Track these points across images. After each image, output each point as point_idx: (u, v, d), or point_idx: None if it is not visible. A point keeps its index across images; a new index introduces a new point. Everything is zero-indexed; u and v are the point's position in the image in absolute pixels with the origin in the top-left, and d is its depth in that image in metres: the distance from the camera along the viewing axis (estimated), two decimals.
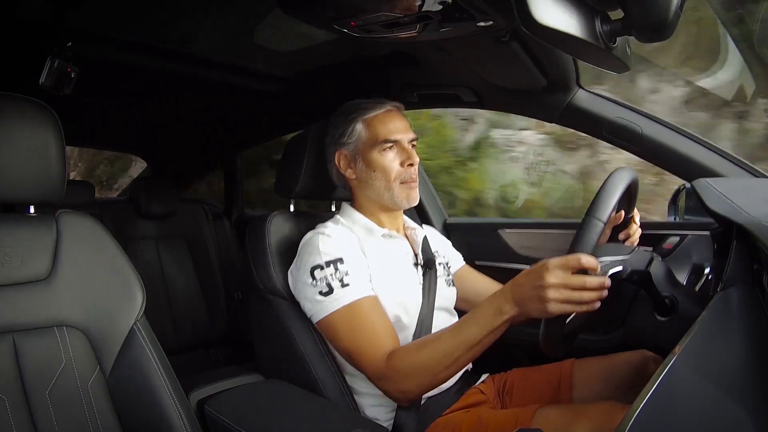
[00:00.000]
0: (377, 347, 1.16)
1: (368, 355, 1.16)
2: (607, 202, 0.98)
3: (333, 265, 1.21)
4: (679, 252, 1.48)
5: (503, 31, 1.13)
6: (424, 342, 1.16)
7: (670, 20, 0.79)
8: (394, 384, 1.13)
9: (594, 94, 1.49)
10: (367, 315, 1.20)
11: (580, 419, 1.03)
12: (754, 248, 0.76)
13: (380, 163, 1.32)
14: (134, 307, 1.07)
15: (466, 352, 1.07)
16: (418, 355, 1.12)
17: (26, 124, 0.98)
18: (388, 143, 1.32)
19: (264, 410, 1.20)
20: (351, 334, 1.19)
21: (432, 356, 1.10)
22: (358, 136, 1.34)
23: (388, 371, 1.13)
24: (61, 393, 0.98)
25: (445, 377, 1.13)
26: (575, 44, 0.89)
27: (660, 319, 0.99)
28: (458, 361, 1.08)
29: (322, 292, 1.20)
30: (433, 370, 1.10)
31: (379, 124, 1.33)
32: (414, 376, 1.11)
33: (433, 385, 1.14)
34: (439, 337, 1.12)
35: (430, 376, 1.11)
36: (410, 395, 1.15)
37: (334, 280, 1.20)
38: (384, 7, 1.00)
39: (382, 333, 1.19)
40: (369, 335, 1.18)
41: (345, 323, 1.19)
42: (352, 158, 1.36)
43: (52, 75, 1.33)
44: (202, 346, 2.52)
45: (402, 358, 1.13)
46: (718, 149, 1.36)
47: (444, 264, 1.48)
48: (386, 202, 1.35)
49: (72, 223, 1.07)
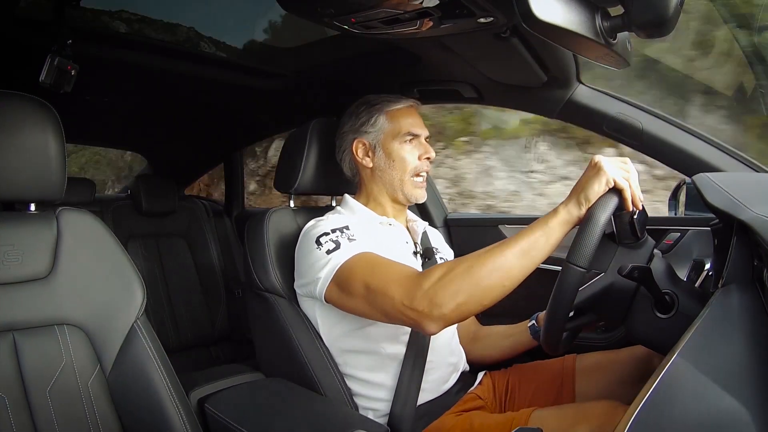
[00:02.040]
0: (403, 271, 1.08)
1: (396, 280, 1.05)
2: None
3: (339, 231, 1.22)
4: (679, 248, 1.48)
5: (503, 28, 1.13)
6: (467, 255, 1.03)
7: (670, 16, 0.79)
8: (428, 297, 0.98)
9: (594, 89, 1.49)
10: (381, 258, 1.14)
11: (580, 420, 1.03)
12: (754, 244, 0.76)
13: (400, 153, 1.37)
14: (134, 305, 1.07)
15: (518, 258, 0.97)
16: (459, 263, 1.00)
17: (26, 121, 0.98)
18: (409, 136, 1.37)
19: (264, 409, 1.20)
20: (370, 270, 1.10)
21: (476, 262, 0.98)
22: (380, 126, 1.38)
23: (422, 282, 1.00)
24: (61, 391, 0.98)
25: (488, 288, 0.97)
26: (575, 40, 0.89)
27: (660, 316, 0.99)
28: (506, 268, 0.97)
29: (330, 250, 1.17)
30: (477, 274, 0.96)
31: (402, 117, 1.39)
32: (454, 283, 0.97)
33: (475, 300, 0.98)
34: (484, 249, 1.01)
35: (472, 282, 0.96)
36: (446, 310, 0.97)
37: (341, 238, 1.19)
38: (384, 4, 1.00)
39: (404, 266, 1.12)
40: (391, 266, 1.11)
41: (361, 265, 1.12)
42: (372, 147, 1.39)
43: (53, 73, 1.32)
44: (203, 344, 2.53)
45: (439, 268, 1.02)
46: (719, 144, 1.36)
47: (445, 261, 1.48)
48: (397, 194, 1.38)
49: (72, 220, 1.07)
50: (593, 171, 1.01)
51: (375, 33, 1.15)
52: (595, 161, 1.02)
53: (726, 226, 0.97)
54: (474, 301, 0.98)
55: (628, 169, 1.02)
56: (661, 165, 1.44)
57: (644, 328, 1.02)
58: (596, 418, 1.02)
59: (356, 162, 1.41)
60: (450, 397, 1.31)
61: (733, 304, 0.73)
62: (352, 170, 1.45)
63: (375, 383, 1.26)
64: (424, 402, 1.27)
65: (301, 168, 1.43)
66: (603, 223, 0.96)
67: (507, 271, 0.97)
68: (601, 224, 0.96)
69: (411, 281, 1.03)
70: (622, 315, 1.03)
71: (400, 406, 1.23)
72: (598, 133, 1.49)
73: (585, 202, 1.00)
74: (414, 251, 1.40)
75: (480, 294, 0.97)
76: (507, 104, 1.73)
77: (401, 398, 1.23)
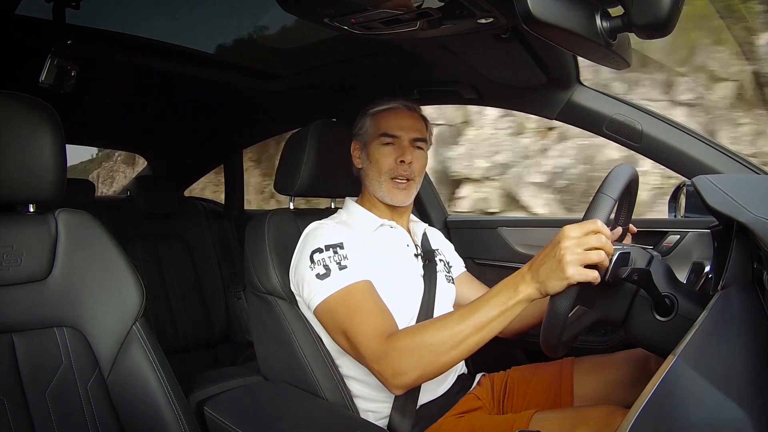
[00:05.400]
0: (376, 327, 1.11)
1: (366, 335, 1.11)
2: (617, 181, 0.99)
3: (332, 249, 1.22)
4: (679, 250, 1.48)
5: (503, 28, 1.12)
6: (429, 322, 1.10)
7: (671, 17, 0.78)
8: (392, 364, 1.05)
9: (594, 90, 1.49)
10: (364, 298, 1.17)
11: (580, 423, 1.03)
12: (754, 246, 0.75)
13: (375, 155, 1.37)
14: (134, 307, 1.07)
15: (475, 333, 1.01)
16: (422, 333, 1.05)
17: (26, 122, 0.97)
18: (386, 137, 1.37)
19: (263, 412, 1.20)
20: (348, 316, 1.15)
21: (436, 335, 1.03)
22: (366, 129, 1.41)
23: (388, 349, 1.06)
24: (60, 394, 0.98)
25: (446, 362, 1.04)
26: (575, 41, 0.89)
27: (660, 319, 0.99)
28: (464, 344, 1.01)
29: (319, 275, 1.19)
30: (436, 350, 1.02)
31: (383, 119, 1.39)
32: (415, 355, 1.04)
33: (433, 370, 1.06)
34: (445, 317, 1.06)
35: (431, 357, 1.03)
36: (407, 379, 1.06)
37: (331, 262, 1.20)
38: (384, 4, 1.00)
39: (381, 315, 1.15)
40: (366, 316, 1.14)
41: (342, 306, 1.16)
42: (361, 149, 1.42)
43: (52, 73, 1.32)
44: (203, 346, 2.52)
45: (404, 335, 1.07)
46: (719, 146, 1.35)
47: (445, 262, 1.49)
48: (377, 195, 1.39)
49: (71, 222, 1.06)
50: (554, 261, 0.93)
51: (375, 34, 1.15)
52: (561, 249, 0.92)
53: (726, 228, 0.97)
54: (433, 371, 1.06)
55: (597, 243, 0.91)
56: None
57: (644, 330, 1.01)
58: (596, 421, 1.02)
59: (354, 163, 1.45)
60: (449, 398, 1.31)
61: (733, 306, 0.73)
62: (356, 171, 1.47)
63: (375, 385, 1.26)
64: (424, 403, 1.27)
65: (301, 170, 1.43)
66: (566, 311, 0.94)
67: (465, 345, 1.02)
68: (563, 314, 0.94)
69: (380, 343, 1.08)
70: (621, 318, 1.02)
71: (400, 409, 1.23)
72: (598, 134, 1.49)
73: (544, 290, 0.95)
74: (415, 254, 1.40)
75: (439, 365, 1.05)
76: (507, 105, 1.73)
77: (401, 400, 1.23)
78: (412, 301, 1.31)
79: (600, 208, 0.97)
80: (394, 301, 1.24)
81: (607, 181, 0.99)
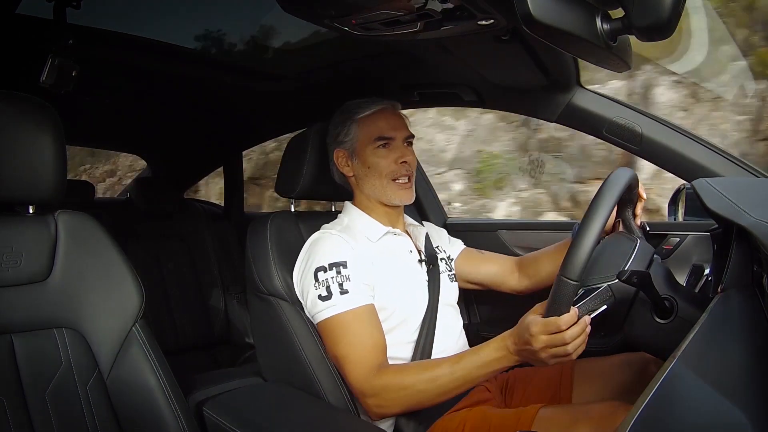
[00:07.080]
0: (366, 360, 1.17)
1: (356, 365, 1.18)
2: (577, 259, 0.92)
3: (335, 269, 1.23)
4: (678, 253, 1.48)
5: (504, 30, 1.12)
6: (422, 366, 1.18)
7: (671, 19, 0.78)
8: (377, 400, 1.15)
9: (594, 93, 1.49)
10: (359, 327, 1.21)
11: (583, 419, 1.03)
12: (754, 249, 0.75)
13: (373, 160, 1.36)
14: (133, 308, 1.07)
15: (460, 386, 1.11)
16: (413, 377, 1.13)
17: (26, 122, 0.97)
18: (380, 140, 1.35)
19: (263, 414, 1.19)
20: (342, 344, 1.20)
21: (425, 382, 1.11)
22: (354, 135, 1.37)
23: (375, 385, 1.14)
24: (59, 394, 0.98)
25: (428, 404, 1.14)
26: (576, 43, 0.89)
27: (659, 321, 0.99)
28: (449, 393, 1.12)
29: (321, 296, 1.22)
30: (423, 395, 1.12)
31: (372, 122, 1.37)
32: (400, 395, 1.13)
33: (414, 408, 1.17)
34: (437, 365, 1.14)
35: (416, 399, 1.13)
36: (388, 412, 1.18)
37: (333, 284, 1.21)
38: (385, 5, 1.00)
39: (373, 348, 1.20)
40: (358, 349, 1.19)
41: (338, 331, 1.21)
42: (350, 157, 1.39)
43: (53, 73, 1.32)
44: (202, 347, 2.51)
45: (395, 374, 1.15)
46: (719, 149, 1.35)
47: (446, 259, 1.50)
48: (382, 199, 1.38)
49: (71, 223, 1.06)
50: (530, 352, 1.00)
51: (375, 35, 1.15)
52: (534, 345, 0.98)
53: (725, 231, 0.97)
54: (414, 409, 1.17)
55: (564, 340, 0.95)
56: None
57: (643, 333, 1.01)
58: (600, 418, 1.01)
59: (341, 170, 1.42)
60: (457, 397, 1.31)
61: (732, 309, 0.73)
62: (342, 179, 1.45)
63: None
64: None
65: (302, 173, 1.43)
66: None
67: (447, 395, 1.13)
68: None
69: (368, 377, 1.16)
70: (621, 320, 1.02)
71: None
72: (598, 137, 1.49)
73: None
74: (419, 260, 1.40)
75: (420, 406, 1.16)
76: (507, 107, 1.73)
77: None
78: (417, 310, 1.32)
79: (561, 296, 0.94)
80: (399, 312, 1.27)
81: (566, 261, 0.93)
